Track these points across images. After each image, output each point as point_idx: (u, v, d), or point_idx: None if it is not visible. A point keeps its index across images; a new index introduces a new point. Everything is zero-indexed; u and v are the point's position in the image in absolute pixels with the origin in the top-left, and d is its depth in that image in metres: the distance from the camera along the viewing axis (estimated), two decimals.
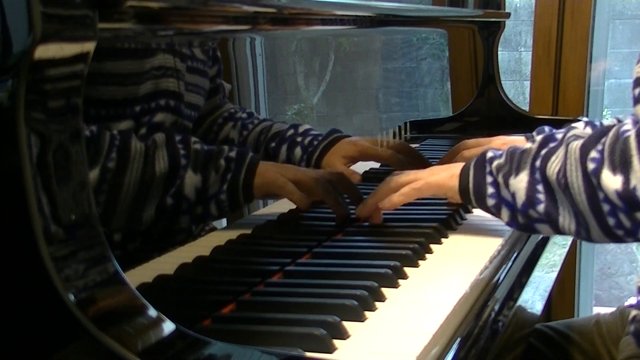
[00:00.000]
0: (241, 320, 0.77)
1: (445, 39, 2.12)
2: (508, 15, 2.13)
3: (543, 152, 0.96)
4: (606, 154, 0.88)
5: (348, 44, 1.69)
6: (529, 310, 1.05)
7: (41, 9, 0.55)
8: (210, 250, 0.95)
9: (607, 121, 1.39)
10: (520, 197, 0.96)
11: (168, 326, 0.62)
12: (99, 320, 0.57)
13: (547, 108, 2.33)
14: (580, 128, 1.37)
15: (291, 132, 1.29)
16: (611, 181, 0.87)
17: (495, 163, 1.00)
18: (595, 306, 2.66)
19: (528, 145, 0.99)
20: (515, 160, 0.98)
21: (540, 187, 0.95)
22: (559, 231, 0.96)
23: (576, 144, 0.92)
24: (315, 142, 1.29)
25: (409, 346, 0.69)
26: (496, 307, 0.89)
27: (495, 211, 1.00)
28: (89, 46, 0.60)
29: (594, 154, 0.89)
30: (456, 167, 1.07)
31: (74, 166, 0.59)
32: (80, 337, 0.57)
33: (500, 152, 1.02)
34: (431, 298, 0.83)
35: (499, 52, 2.10)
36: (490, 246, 1.01)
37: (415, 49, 2.15)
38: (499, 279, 0.97)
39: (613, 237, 0.91)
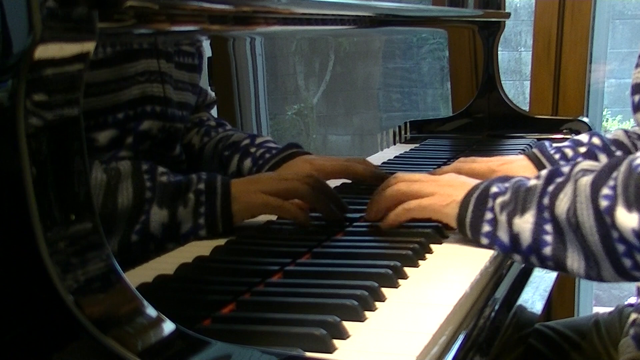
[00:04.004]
0: (241, 320, 0.77)
1: (445, 39, 2.12)
2: (508, 15, 2.14)
3: (550, 188, 0.90)
4: (619, 190, 0.82)
5: (348, 44, 1.69)
6: (529, 310, 1.05)
7: (41, 9, 0.55)
8: (210, 250, 0.95)
9: (610, 135, 1.36)
10: (526, 239, 0.91)
11: (168, 326, 0.62)
12: (99, 320, 0.57)
13: (547, 108, 2.33)
14: (585, 141, 1.35)
15: (246, 142, 1.20)
16: (627, 219, 0.80)
17: (499, 200, 0.95)
18: (595, 306, 2.65)
19: (533, 181, 0.94)
20: (520, 198, 0.92)
21: (548, 227, 0.89)
22: (566, 272, 0.90)
23: (586, 180, 0.86)
24: (268, 155, 1.19)
25: (409, 346, 0.69)
26: (496, 307, 0.89)
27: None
28: (89, 46, 0.60)
29: (606, 190, 0.83)
30: (457, 191, 1.01)
31: (74, 166, 0.59)
32: (80, 337, 0.57)
33: (505, 186, 0.96)
34: (431, 298, 0.83)
35: (499, 52, 2.10)
36: None
37: (415, 49, 2.16)
38: (499, 278, 0.97)
39: (629, 278, 0.86)
